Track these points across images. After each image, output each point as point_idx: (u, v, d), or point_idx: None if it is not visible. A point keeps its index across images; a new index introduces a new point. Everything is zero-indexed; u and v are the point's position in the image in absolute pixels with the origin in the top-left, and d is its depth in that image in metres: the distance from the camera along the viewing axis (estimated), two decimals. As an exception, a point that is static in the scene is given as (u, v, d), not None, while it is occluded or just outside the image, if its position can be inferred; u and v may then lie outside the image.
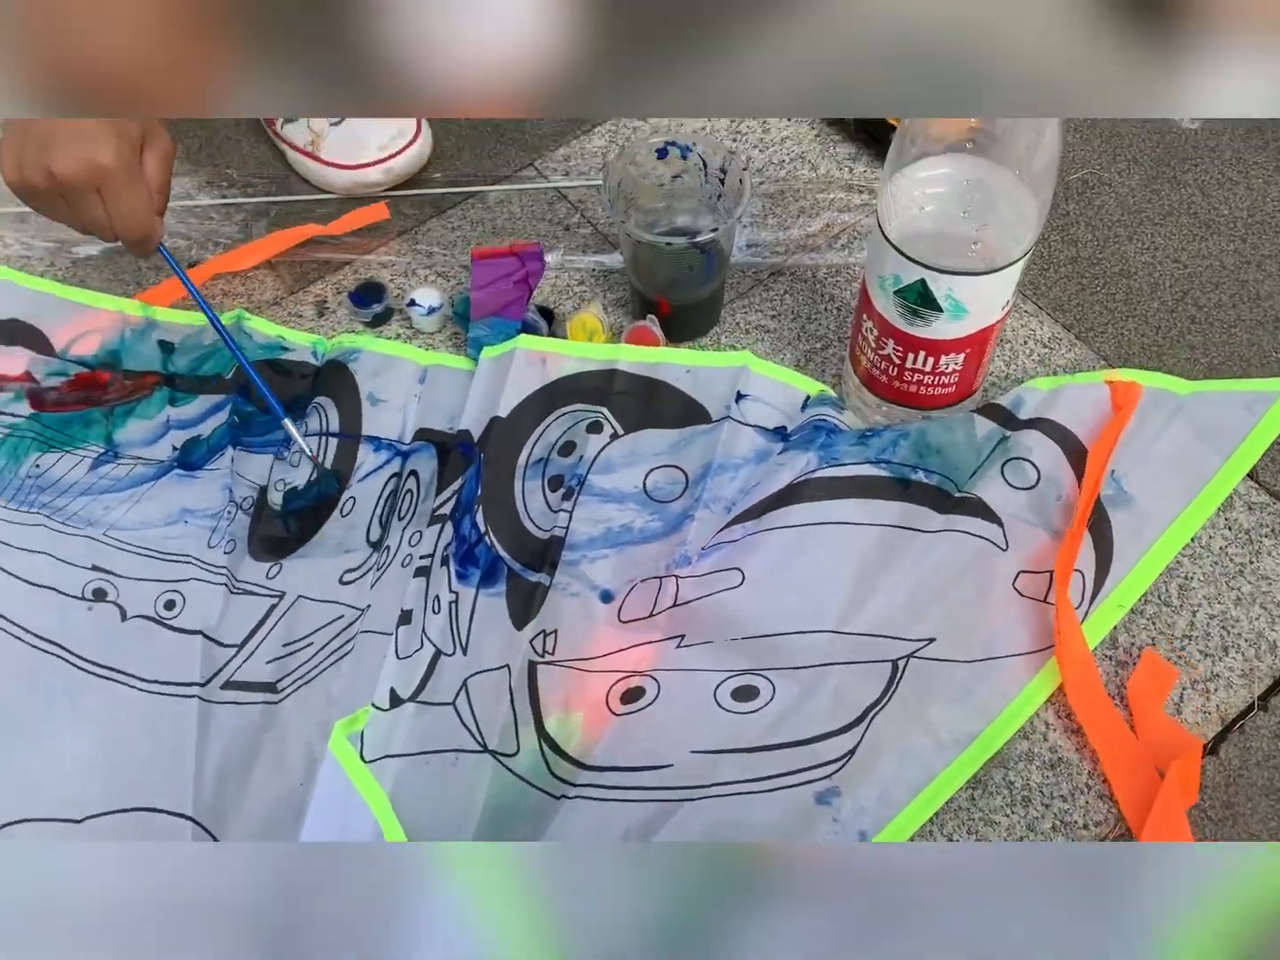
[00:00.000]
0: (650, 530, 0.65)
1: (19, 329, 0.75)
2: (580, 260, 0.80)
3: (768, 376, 0.70)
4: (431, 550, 0.65)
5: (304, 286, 0.79)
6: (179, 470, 0.70)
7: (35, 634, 0.64)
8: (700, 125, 0.86)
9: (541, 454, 0.68)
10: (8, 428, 0.71)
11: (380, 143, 0.80)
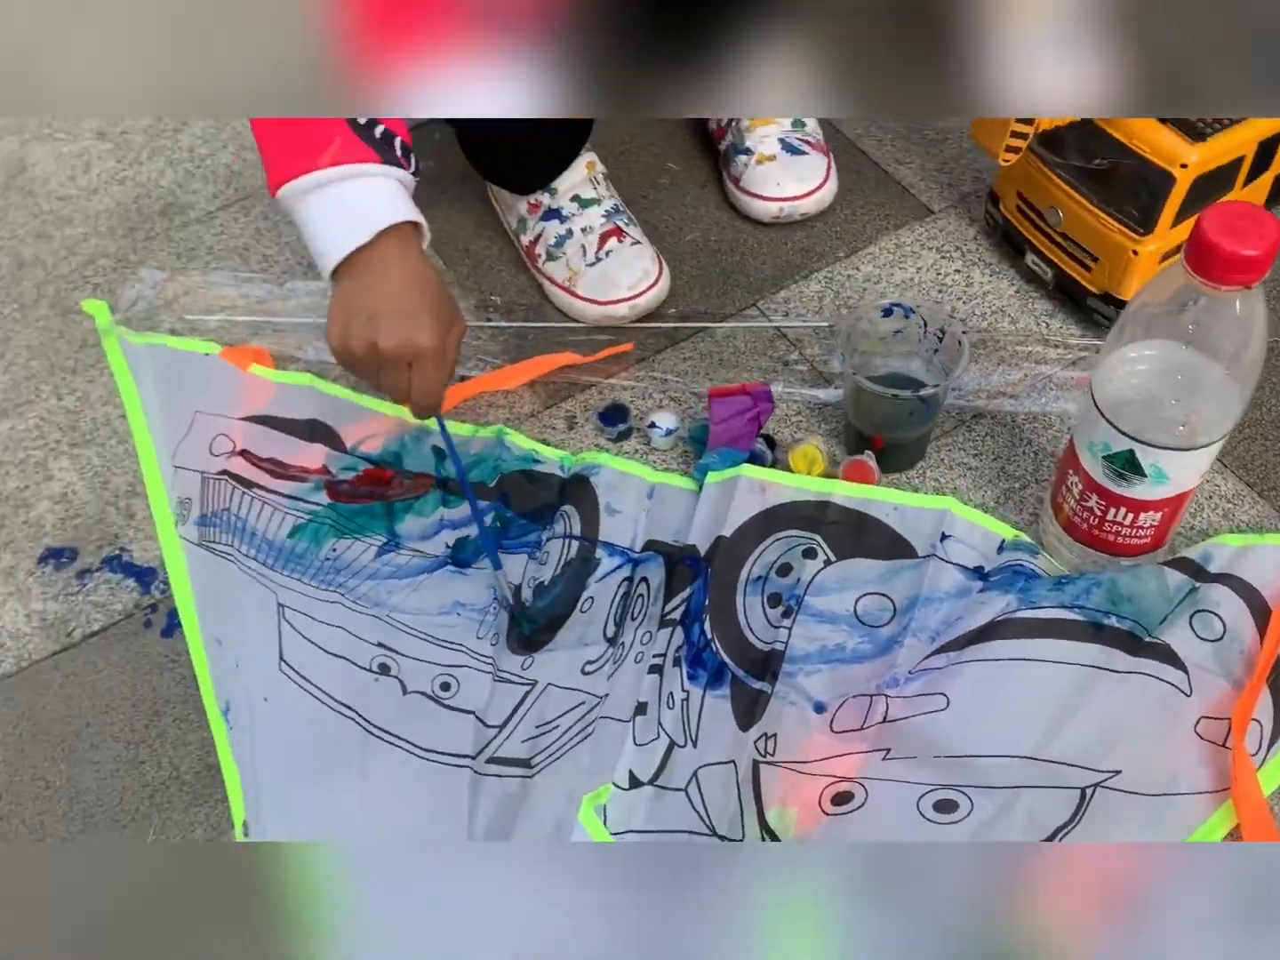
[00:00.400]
0: (861, 651, 0.74)
1: (318, 427, 0.88)
2: (798, 393, 0.90)
3: (968, 520, 0.78)
4: (663, 651, 0.75)
5: (556, 403, 0.91)
6: (451, 566, 0.81)
7: (334, 697, 0.75)
8: (910, 277, 0.96)
9: (761, 572, 0.77)
10: (309, 514, 0.84)
11: (629, 283, 0.93)
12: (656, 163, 1.08)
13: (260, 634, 0.77)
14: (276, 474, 0.85)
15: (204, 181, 1.10)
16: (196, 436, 0.86)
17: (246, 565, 0.80)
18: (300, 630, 0.78)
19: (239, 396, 0.89)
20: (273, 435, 0.87)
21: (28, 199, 1.10)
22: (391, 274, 0.71)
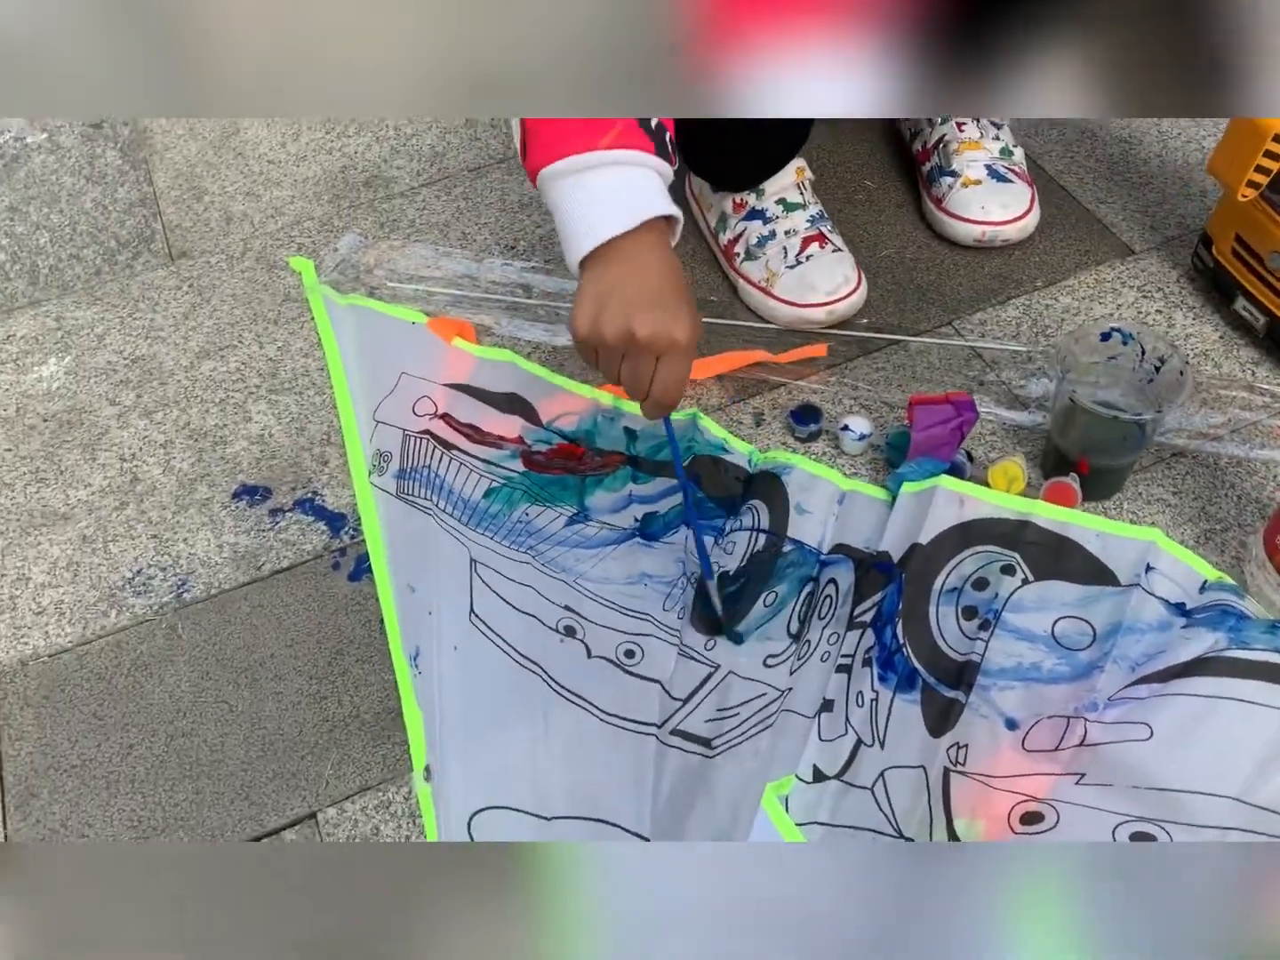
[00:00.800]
0: (1058, 673, 0.72)
1: (516, 401, 0.90)
2: (993, 413, 0.89)
3: (1173, 555, 0.76)
4: (852, 652, 0.74)
5: (744, 399, 0.91)
6: (640, 539, 0.82)
7: (521, 652, 0.76)
8: (1110, 312, 0.95)
9: (956, 584, 0.76)
10: (504, 479, 0.85)
11: (829, 287, 0.93)
12: (854, 179, 1.08)
13: (453, 585, 0.78)
14: (474, 439, 0.87)
15: (408, 159, 1.13)
16: (400, 396, 0.88)
17: (443, 520, 0.82)
18: (491, 585, 0.79)
19: (443, 365, 0.91)
20: (472, 404, 0.89)
21: (238, 159, 1.15)
22: (651, 265, 0.69)
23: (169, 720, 0.76)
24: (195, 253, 1.06)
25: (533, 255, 1.03)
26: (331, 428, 0.91)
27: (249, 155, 1.15)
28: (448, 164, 1.12)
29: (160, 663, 0.79)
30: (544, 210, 1.07)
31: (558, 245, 1.03)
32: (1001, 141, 1.03)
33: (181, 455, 0.90)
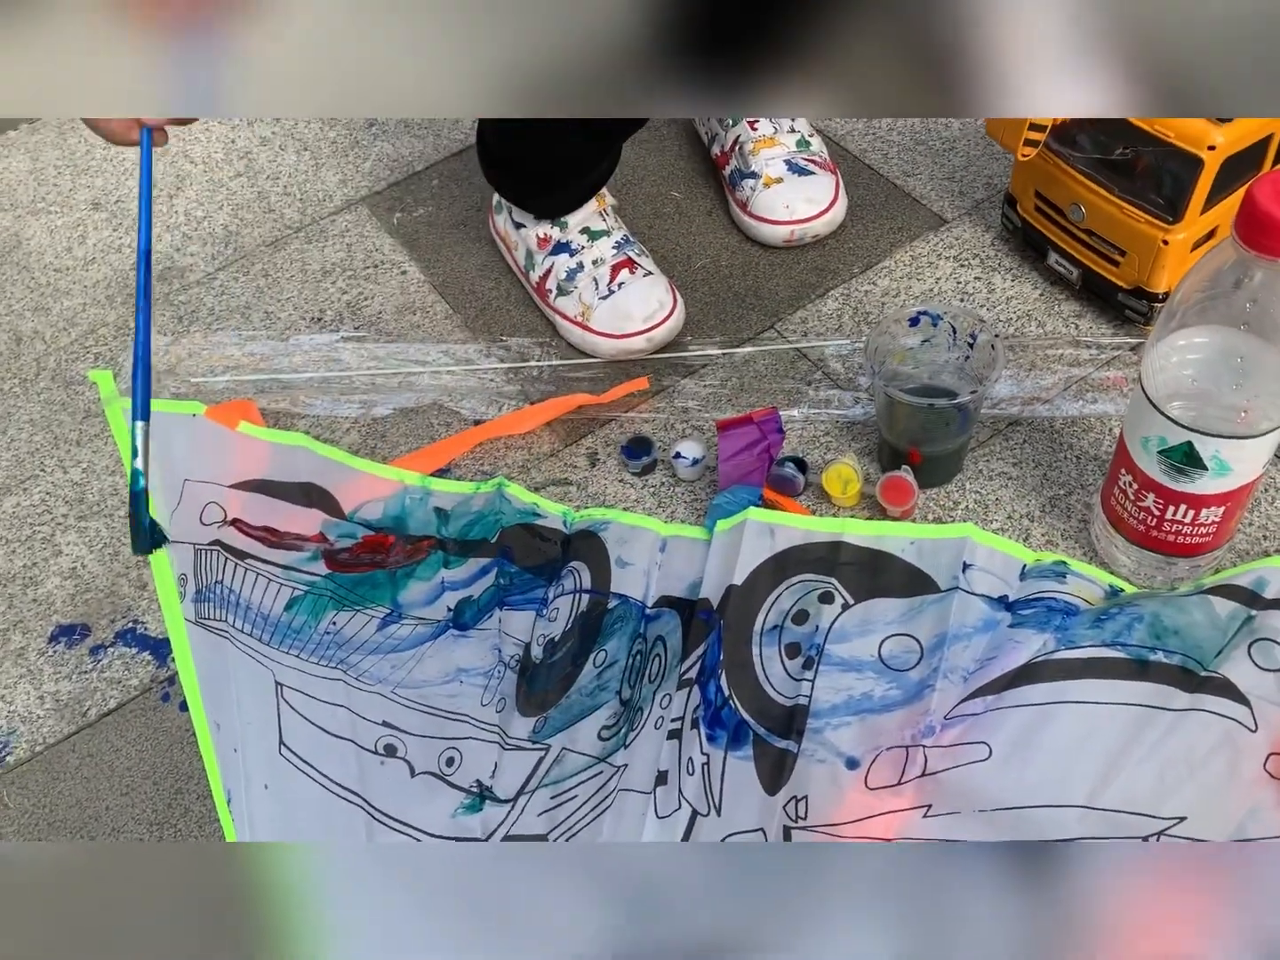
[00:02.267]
0: (890, 698, 0.69)
1: (314, 491, 0.84)
2: (824, 413, 0.87)
3: (989, 546, 0.73)
4: (681, 714, 0.70)
5: (576, 440, 0.88)
6: (454, 630, 0.77)
7: (338, 783, 0.71)
8: (929, 288, 0.94)
9: (776, 620, 0.73)
10: (307, 585, 0.80)
11: (644, 314, 0.90)
12: (659, 192, 1.06)
13: (258, 716, 0.73)
14: (271, 543, 0.81)
15: (201, 244, 1.08)
16: (187, 506, 0.82)
17: (242, 642, 0.77)
18: (300, 711, 0.74)
19: (230, 459, 0.85)
20: (266, 501, 0.83)
21: (23, 274, 1.09)
22: None
23: (2, 900, 0.70)
24: (-14, 381, 1.00)
25: (341, 324, 0.99)
26: (146, 547, 0.86)
27: (33, 267, 1.09)
28: (242, 242, 1.07)
29: (-13, 838, 0.73)
30: (348, 274, 1.03)
31: (366, 309, 1.00)
32: (797, 133, 1.01)
33: (-9, 605, 0.85)
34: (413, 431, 0.90)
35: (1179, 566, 0.72)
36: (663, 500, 0.83)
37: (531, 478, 0.86)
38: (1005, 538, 0.76)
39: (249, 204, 1.11)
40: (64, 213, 1.14)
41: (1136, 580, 0.73)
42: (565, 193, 0.93)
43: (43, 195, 1.15)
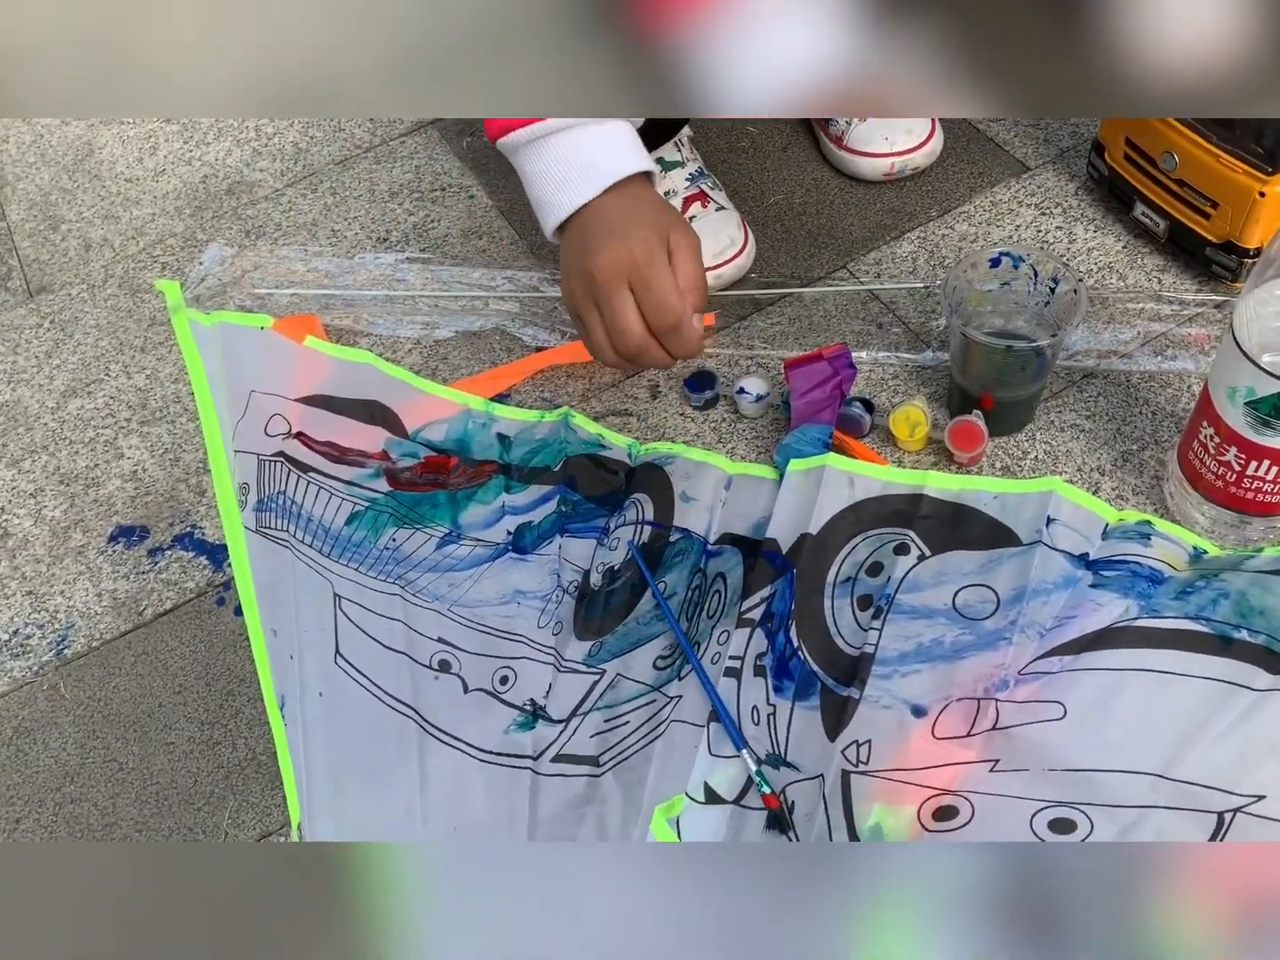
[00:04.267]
0: (962, 644, 0.67)
1: (377, 409, 0.84)
2: (895, 356, 0.85)
3: (1074, 502, 0.71)
4: (741, 653, 0.69)
5: (638, 372, 0.87)
6: (513, 554, 0.77)
7: (392, 695, 0.71)
8: (1009, 234, 0.91)
9: (849, 573, 0.71)
10: (369, 501, 0.80)
11: (715, 250, 0.88)
12: (734, 126, 1.03)
13: (316, 625, 0.74)
14: (335, 458, 0.82)
15: (271, 159, 1.08)
16: (253, 417, 0.83)
17: (302, 552, 0.77)
18: (357, 623, 0.74)
19: (295, 373, 0.86)
20: (330, 417, 0.83)
21: (94, 182, 1.09)
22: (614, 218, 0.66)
23: (56, 787, 0.72)
24: (55, 286, 1.01)
25: (406, 245, 0.98)
26: (207, 455, 0.86)
27: (105, 176, 1.09)
28: (312, 160, 1.07)
29: (44, 727, 0.74)
30: (415, 196, 1.03)
31: (432, 231, 0.99)
32: (883, 69, 0.98)
33: (53, 503, 0.86)
34: (475, 355, 0.90)
35: (1254, 526, 0.70)
36: (723, 436, 0.82)
37: (591, 407, 0.85)
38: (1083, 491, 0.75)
39: (319, 122, 1.11)
40: (136, 123, 1.14)
41: (1213, 539, 0.71)
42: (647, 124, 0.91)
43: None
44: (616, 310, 0.65)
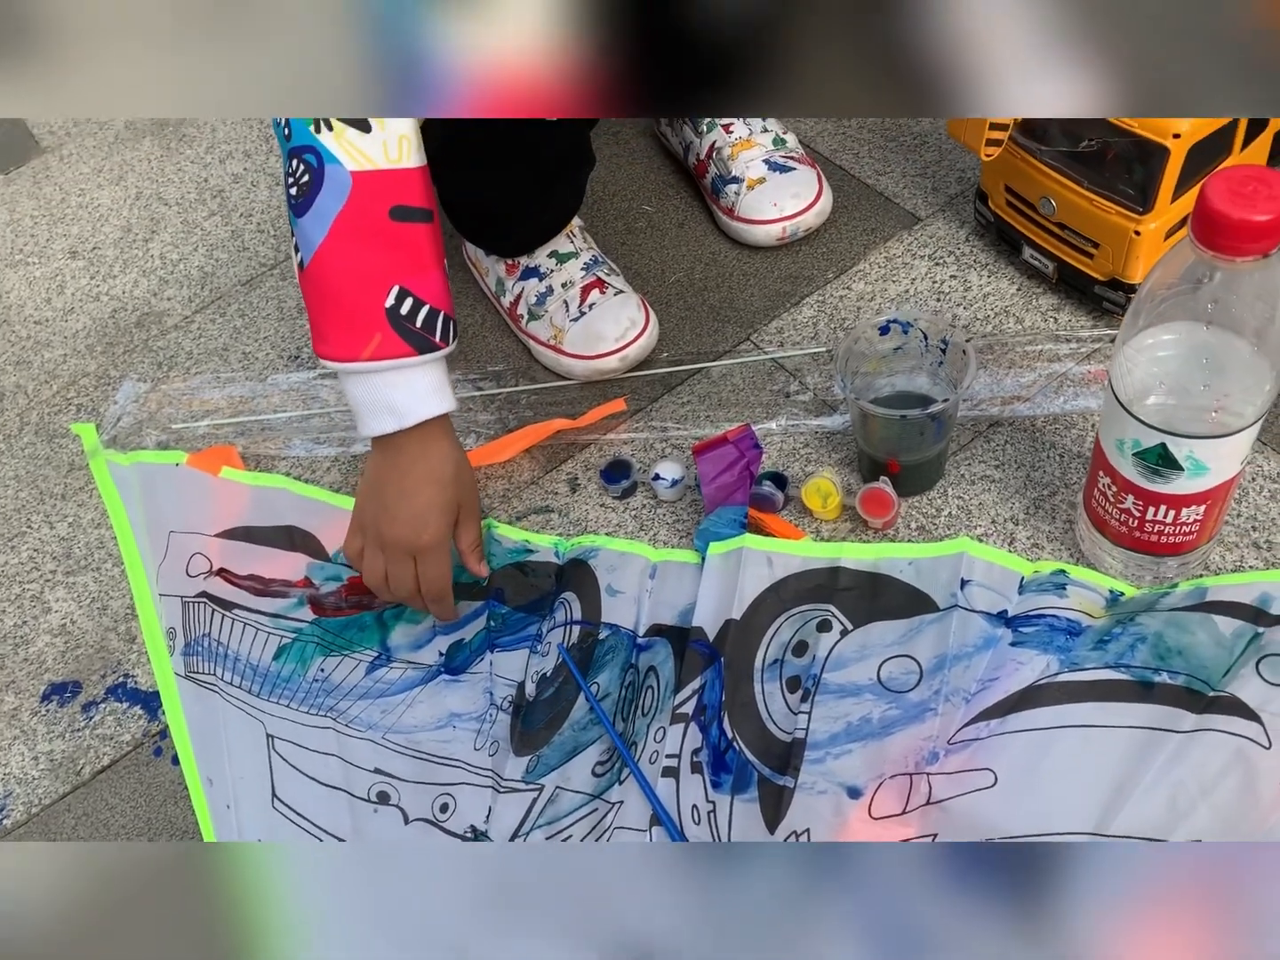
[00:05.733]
0: (890, 719, 0.68)
1: (298, 534, 0.84)
2: (804, 424, 0.86)
3: (986, 560, 0.72)
4: (677, 750, 0.69)
5: (556, 466, 0.88)
6: (445, 675, 0.77)
7: (333, 834, 0.71)
8: (905, 289, 0.92)
9: (777, 654, 0.72)
10: (295, 632, 0.80)
11: (616, 334, 0.89)
12: (631, 207, 1.05)
13: (251, 770, 0.73)
14: (258, 591, 0.82)
15: (178, 287, 1.08)
16: (174, 558, 0.83)
17: (231, 695, 0.77)
18: (292, 762, 0.74)
19: (213, 508, 0.86)
20: (251, 549, 0.84)
21: (3, 327, 1.09)
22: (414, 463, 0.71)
23: (5, 965, 0.71)
24: (-28, 439, 1.01)
25: (318, 362, 0.98)
26: (134, 601, 0.86)
27: (14, 320, 1.09)
28: (218, 283, 1.07)
29: (-12, 903, 0.73)
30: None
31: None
32: (771, 133, 1.00)
33: (-17, 666, 0.85)
34: (392, 467, 0.90)
35: (1168, 565, 0.71)
36: (645, 523, 0.83)
37: (512, 507, 0.86)
38: (995, 545, 0.75)
39: (223, 243, 1.11)
40: (41, 263, 1.14)
41: (1129, 580, 0.72)
42: (523, 232, 0.92)
43: (20, 247, 1.16)
44: (395, 573, 0.73)
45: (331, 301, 0.69)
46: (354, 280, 0.68)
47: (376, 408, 0.70)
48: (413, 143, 0.69)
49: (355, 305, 0.68)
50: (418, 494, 0.71)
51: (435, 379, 0.71)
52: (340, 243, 0.67)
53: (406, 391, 0.70)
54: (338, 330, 0.69)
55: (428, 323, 0.70)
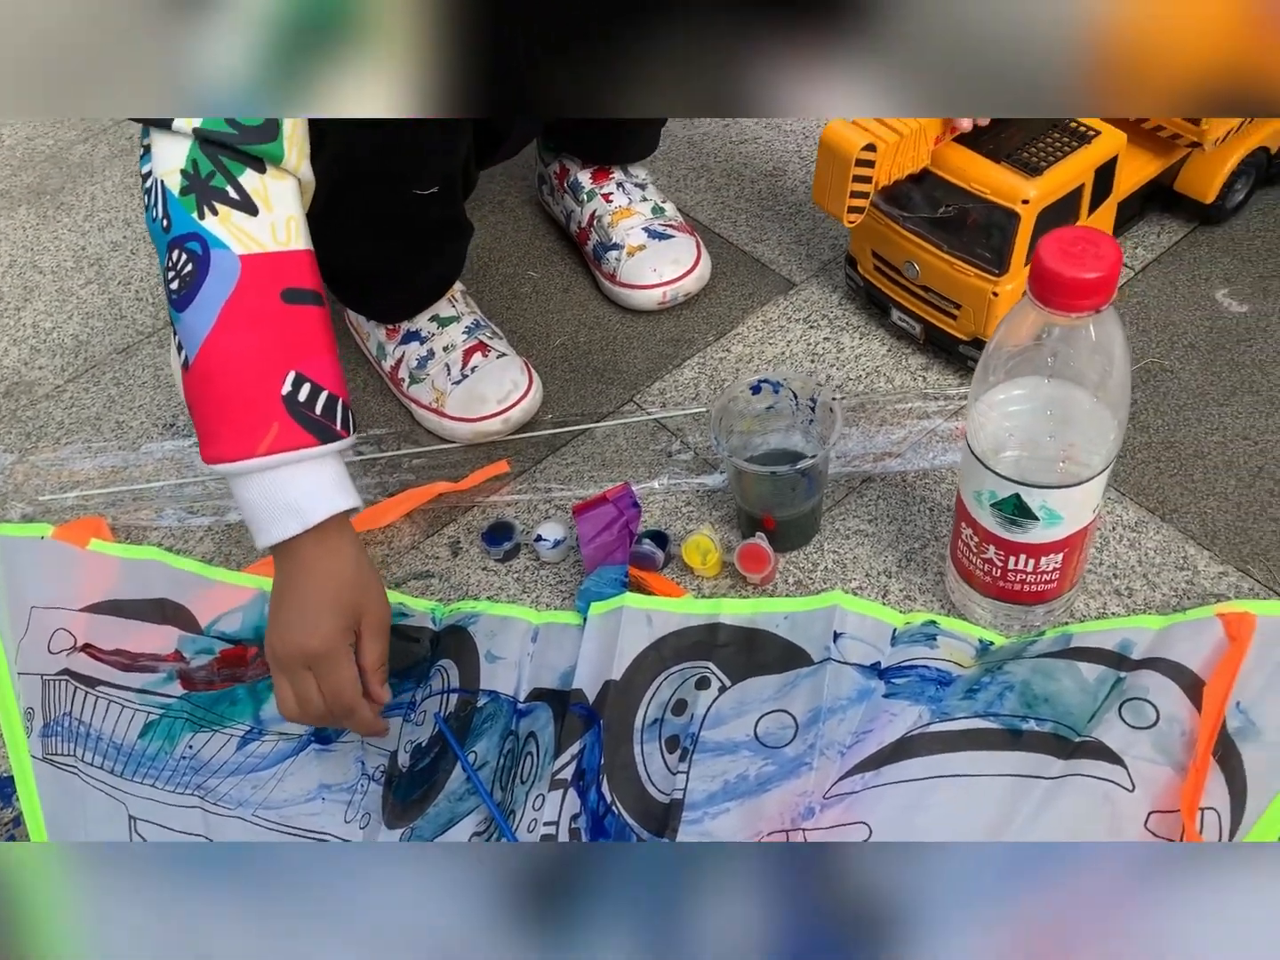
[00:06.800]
0: (766, 775, 0.68)
1: (168, 607, 0.82)
2: (685, 483, 0.87)
3: (859, 613, 0.74)
4: (555, 818, 0.68)
5: (438, 530, 0.87)
6: (315, 744, 0.74)
7: None
8: (781, 351, 0.95)
9: (656, 714, 0.71)
10: (162, 708, 0.77)
11: (499, 396, 0.89)
12: (517, 272, 1.06)
13: None
14: (125, 666, 0.79)
15: (50, 355, 1.05)
16: (35, 635, 0.79)
17: (91, 777, 0.73)
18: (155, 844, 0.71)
19: (79, 581, 0.83)
20: (118, 623, 0.80)
21: None
22: (311, 569, 0.66)
23: None
24: None
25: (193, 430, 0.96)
26: (-9, 679, 0.82)
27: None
28: (93, 352, 1.05)
29: None
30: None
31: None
32: (650, 201, 1.02)
33: None
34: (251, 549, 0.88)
35: (1035, 613, 0.73)
36: (527, 586, 0.82)
37: (392, 572, 0.84)
38: (868, 598, 0.77)
39: (100, 311, 1.09)
40: (-94, 333, 1.10)
41: (997, 629, 0.74)
42: (403, 299, 0.92)
43: (-117, 316, 1.12)
44: (299, 690, 0.67)
45: (222, 395, 0.64)
46: (246, 368, 0.63)
47: (276, 510, 0.64)
48: (300, 225, 0.66)
49: (249, 395, 0.63)
50: (309, 598, 0.66)
51: (337, 472, 0.66)
52: (230, 330, 0.63)
53: (308, 487, 0.65)
54: (230, 426, 0.64)
55: (327, 409, 0.65)
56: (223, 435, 0.64)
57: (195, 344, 0.63)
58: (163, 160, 0.64)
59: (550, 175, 1.06)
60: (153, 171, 0.65)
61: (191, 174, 0.63)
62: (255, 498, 0.65)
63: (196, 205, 0.63)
